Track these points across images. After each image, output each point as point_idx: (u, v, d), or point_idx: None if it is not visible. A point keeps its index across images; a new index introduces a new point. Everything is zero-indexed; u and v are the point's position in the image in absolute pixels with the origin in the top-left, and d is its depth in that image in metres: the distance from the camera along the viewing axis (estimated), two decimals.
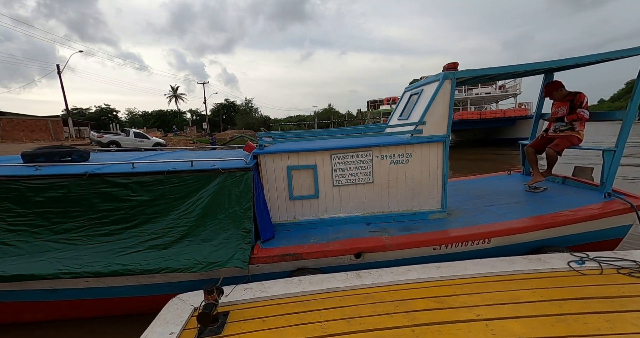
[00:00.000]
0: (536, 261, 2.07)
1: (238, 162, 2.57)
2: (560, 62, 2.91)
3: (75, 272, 2.07)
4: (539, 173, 3.63)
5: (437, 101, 2.74)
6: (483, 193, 3.60)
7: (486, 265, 2.06)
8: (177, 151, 4.35)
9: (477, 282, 1.90)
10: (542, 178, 3.55)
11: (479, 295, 1.75)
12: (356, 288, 1.92)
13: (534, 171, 3.66)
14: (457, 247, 2.51)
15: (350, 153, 2.78)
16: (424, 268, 2.06)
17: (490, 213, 2.94)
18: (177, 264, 2.17)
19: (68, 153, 2.68)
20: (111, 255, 2.20)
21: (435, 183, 2.89)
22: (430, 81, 3.01)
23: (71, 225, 2.30)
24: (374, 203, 2.90)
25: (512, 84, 22.64)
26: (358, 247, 2.41)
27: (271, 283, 2.02)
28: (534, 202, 3.13)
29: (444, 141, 2.80)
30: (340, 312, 1.68)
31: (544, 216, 2.70)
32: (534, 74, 3.68)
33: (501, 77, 3.64)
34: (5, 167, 2.44)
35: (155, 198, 2.38)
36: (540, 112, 3.99)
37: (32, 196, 2.28)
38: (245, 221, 2.38)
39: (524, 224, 2.60)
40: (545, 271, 1.96)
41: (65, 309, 2.40)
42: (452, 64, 2.75)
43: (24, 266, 2.09)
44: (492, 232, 2.53)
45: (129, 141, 18.36)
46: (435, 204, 2.94)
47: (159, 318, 1.72)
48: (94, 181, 2.33)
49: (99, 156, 3.20)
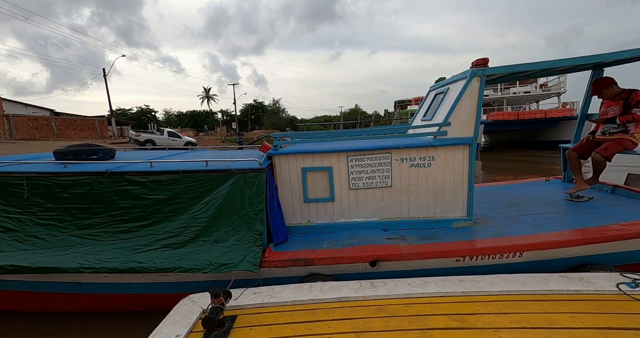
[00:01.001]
0: (577, 281, 1.83)
1: (251, 163, 2.54)
2: (613, 56, 2.57)
3: (95, 267, 2.16)
4: (583, 180, 3.26)
5: (463, 100, 2.53)
6: (516, 201, 3.30)
7: (516, 282, 1.85)
8: (198, 150, 4.46)
9: (505, 300, 1.70)
10: (587, 186, 3.17)
11: (506, 315, 1.57)
12: (368, 298, 1.80)
13: (577, 177, 3.28)
14: (483, 260, 2.29)
15: (367, 155, 2.65)
16: (445, 282, 1.90)
17: (524, 223, 2.67)
18: (190, 264, 2.18)
19: (95, 151, 2.82)
20: (128, 252, 2.26)
21: (460, 188, 2.68)
22: (457, 79, 2.80)
23: (93, 221, 2.40)
24: (393, 208, 2.75)
25: (556, 81, 20.99)
26: (373, 255, 2.28)
27: (281, 288, 1.96)
28: (577, 213, 2.81)
29: (470, 144, 2.59)
30: (350, 324, 1.58)
31: (589, 229, 2.40)
32: (579, 70, 3.31)
33: (540, 74, 3.31)
34: (39, 164, 2.61)
35: (171, 197, 2.42)
36: (586, 112, 3.59)
37: (59, 192, 2.41)
38: (257, 223, 2.35)
39: (564, 237, 2.32)
40: (588, 292, 1.72)
41: (87, 302, 2.51)
42: (481, 60, 2.53)
43: (51, 259, 2.21)
44: (525, 245, 2.29)
45: (163, 140, 19.47)
46: (460, 212, 2.73)
47: (167, 318, 1.72)
48: (114, 179, 2.42)
49: (124, 155, 3.34)
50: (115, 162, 2.64)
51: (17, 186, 2.41)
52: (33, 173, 2.44)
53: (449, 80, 3.06)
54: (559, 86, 20.87)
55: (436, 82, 3.67)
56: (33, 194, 2.41)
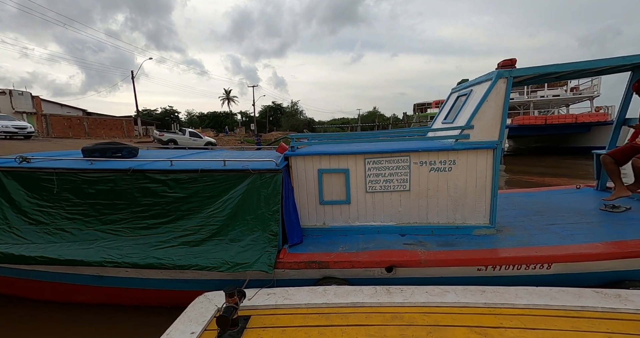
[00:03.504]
0: (614, 298, 1.68)
1: (268, 163, 2.55)
2: None
3: (116, 262, 2.23)
4: (624, 186, 2.99)
5: (488, 102, 2.43)
6: (544, 209, 3.13)
7: (544, 295, 1.73)
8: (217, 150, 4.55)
9: (531, 315, 1.59)
10: (628, 193, 2.92)
11: (533, 331, 1.46)
12: (384, 305, 1.75)
13: (617, 183, 3.02)
14: (507, 270, 2.18)
15: (385, 158, 2.60)
16: (465, 291, 1.80)
17: (552, 233, 2.52)
18: (206, 262, 2.21)
19: (119, 149, 2.94)
20: (148, 248, 2.32)
21: (483, 194, 2.57)
22: (481, 81, 2.69)
23: (116, 217, 2.49)
24: (411, 212, 2.67)
25: (589, 84, 19.85)
26: (390, 260, 2.22)
27: (295, 290, 1.94)
28: (613, 224, 2.61)
29: (494, 148, 2.47)
30: (364, 330, 1.54)
31: (627, 242, 2.22)
32: (617, 72, 3.10)
33: (572, 75, 3.12)
34: (68, 160, 2.74)
35: (190, 196, 2.47)
36: (624, 116, 3.34)
37: (86, 187, 2.52)
38: (273, 224, 2.35)
39: (598, 250, 2.16)
40: (627, 311, 1.58)
41: (109, 295, 2.60)
42: (508, 61, 2.42)
43: (76, 252, 2.31)
44: (555, 256, 2.15)
45: (184, 140, 20.14)
46: (482, 219, 2.61)
47: (183, 315, 1.74)
48: (136, 176, 2.50)
49: (146, 153, 3.46)
50: (138, 160, 2.74)
51: (48, 181, 2.54)
52: (62, 169, 2.57)
53: (473, 82, 2.95)
54: (591, 89, 19.70)
55: (459, 84, 3.55)
56: (62, 189, 2.53)
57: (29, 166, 2.64)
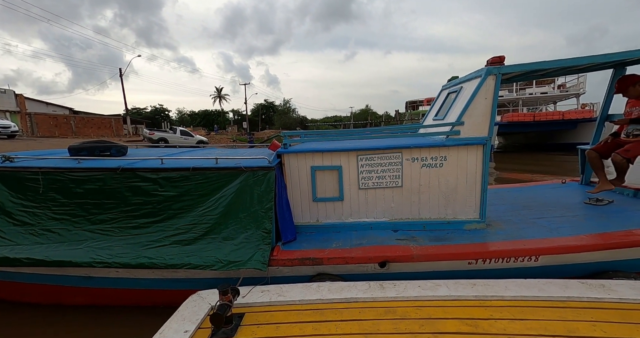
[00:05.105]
0: (598, 288, 1.74)
1: (261, 161, 2.54)
2: (638, 53, 2.46)
3: (106, 262, 2.19)
4: (607, 180, 3.08)
5: (477, 99, 2.46)
6: (531, 203, 3.20)
7: (532, 287, 1.78)
8: (209, 148, 4.51)
9: (520, 306, 1.64)
10: (611, 187, 3.02)
11: (522, 321, 1.50)
12: (377, 300, 1.77)
13: (601, 178, 3.11)
14: (496, 263, 2.22)
15: (377, 155, 2.61)
16: (456, 285, 1.84)
17: (539, 226, 2.58)
18: (199, 261, 2.19)
19: (108, 148, 2.88)
20: (139, 248, 2.29)
21: (473, 189, 2.61)
22: (471, 78, 2.73)
23: (105, 217, 2.44)
24: (403, 208, 2.70)
25: (575, 82, 20.29)
26: (383, 256, 2.24)
27: (289, 287, 1.94)
28: (596, 217, 2.69)
29: (484, 144, 2.51)
30: (358, 325, 1.55)
31: (611, 233, 2.30)
32: (601, 69, 3.18)
33: (559, 72, 3.18)
34: (54, 159, 2.68)
35: (181, 194, 2.44)
36: (606, 112, 3.44)
37: (73, 187, 2.46)
38: (266, 222, 2.34)
39: (583, 242, 2.23)
40: (610, 301, 1.63)
41: (98, 296, 2.55)
42: (497, 58, 2.45)
43: (64, 252, 2.26)
44: (542, 249, 2.20)
45: (175, 138, 19.85)
46: (473, 214, 2.66)
47: (176, 314, 1.73)
48: (126, 175, 2.46)
49: (136, 152, 3.40)
50: (128, 158, 2.69)
51: (33, 181, 2.48)
52: (48, 168, 2.50)
53: (463, 79, 2.99)
54: (578, 86, 20.15)
55: (449, 81, 3.59)
56: (48, 189, 2.47)
57: (12, 165, 2.57)
